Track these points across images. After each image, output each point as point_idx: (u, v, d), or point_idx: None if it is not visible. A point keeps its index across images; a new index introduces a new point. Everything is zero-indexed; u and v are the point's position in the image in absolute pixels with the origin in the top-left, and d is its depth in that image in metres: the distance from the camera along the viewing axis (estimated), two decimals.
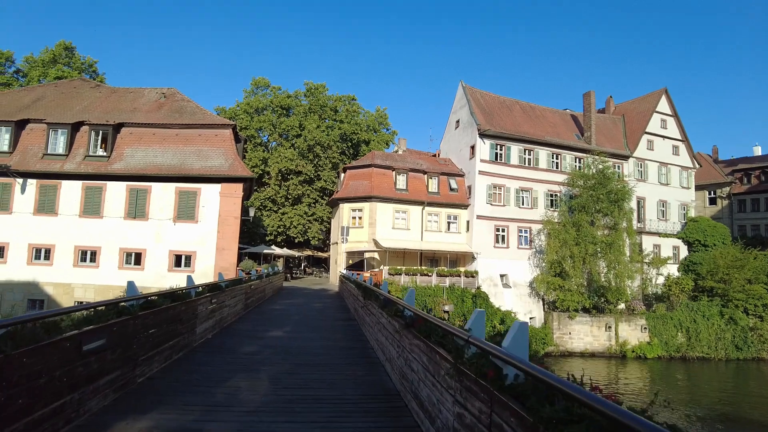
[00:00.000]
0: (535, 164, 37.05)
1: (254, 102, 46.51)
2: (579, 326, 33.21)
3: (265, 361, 7.87)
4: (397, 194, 34.60)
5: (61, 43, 48.27)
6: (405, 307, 6.03)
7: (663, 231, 40.78)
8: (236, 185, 25.43)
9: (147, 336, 6.49)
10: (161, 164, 25.66)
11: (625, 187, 33.99)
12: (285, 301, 20.15)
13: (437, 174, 36.09)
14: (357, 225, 33.95)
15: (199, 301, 9.07)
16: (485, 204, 34.86)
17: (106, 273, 24.90)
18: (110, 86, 32.19)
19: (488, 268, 33.95)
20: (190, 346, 8.58)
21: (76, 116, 26.96)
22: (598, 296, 33.74)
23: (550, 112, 42.67)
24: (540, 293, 34.40)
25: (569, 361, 31.88)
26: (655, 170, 42.20)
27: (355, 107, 49.64)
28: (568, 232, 32.93)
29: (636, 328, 33.72)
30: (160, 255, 25.22)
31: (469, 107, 36.90)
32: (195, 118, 27.28)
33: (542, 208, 36.61)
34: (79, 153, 25.87)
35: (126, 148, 26.18)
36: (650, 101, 44.24)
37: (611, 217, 33.93)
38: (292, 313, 15.74)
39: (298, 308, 17.46)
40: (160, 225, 25.40)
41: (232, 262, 24.90)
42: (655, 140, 42.65)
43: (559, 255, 32.85)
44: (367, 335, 10.39)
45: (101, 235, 25.12)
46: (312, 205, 45.12)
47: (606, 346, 33.21)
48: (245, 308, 14.51)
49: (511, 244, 35.33)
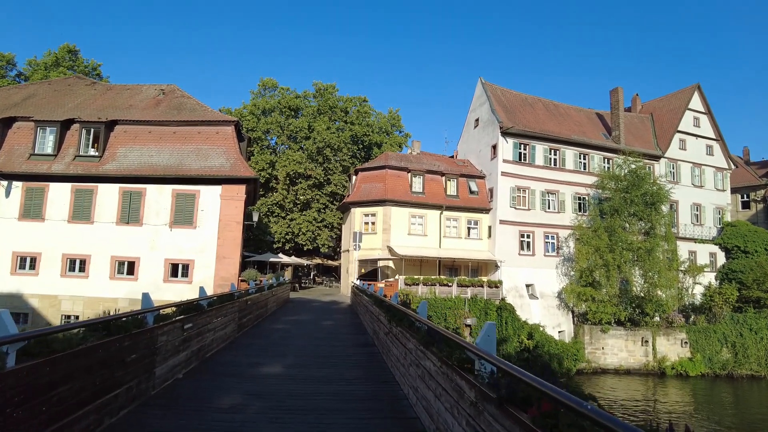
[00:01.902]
0: (561, 165, 34.39)
1: (261, 103, 44.43)
2: (613, 340, 30.39)
3: (247, 425, 5.36)
4: (412, 197, 32.10)
5: (65, 46, 46.78)
6: (482, 357, 3.48)
7: (699, 236, 37.80)
8: (238, 187, 23.15)
9: (41, 402, 3.84)
10: (157, 164, 23.48)
11: (662, 189, 31.17)
12: (290, 318, 17.38)
13: (456, 176, 33.56)
14: (370, 231, 31.47)
15: (162, 329, 6.54)
16: (509, 208, 32.23)
17: (97, 284, 22.68)
18: (107, 83, 30.21)
19: (513, 277, 31.26)
20: (142, 397, 6.03)
21: (67, 114, 24.94)
22: (633, 308, 30.91)
23: (575, 110, 40.05)
24: (569, 305, 31.61)
25: (603, 379, 29.05)
26: (688, 171, 39.33)
27: (367, 108, 47.35)
28: (600, 237, 30.16)
29: (675, 343, 30.80)
30: (155, 264, 22.97)
31: (490, 104, 34.42)
32: (194, 115, 25.13)
33: (570, 212, 33.90)
34: (68, 153, 23.80)
35: (119, 147, 24.06)
36: (681, 98, 41.44)
37: (646, 221, 31.13)
38: (296, 335, 13.04)
39: (304, 328, 14.68)
40: (155, 231, 23.17)
41: (233, 272, 22.55)
42: (687, 139, 39.80)
43: (590, 263, 30.08)
44: (396, 374, 7.72)
45: (91, 242, 22.94)
46: (321, 210, 42.75)
47: (642, 362, 30.34)
48: (239, 329, 12.03)
49: (537, 251, 32.60)
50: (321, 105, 46.04)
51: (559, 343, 29.31)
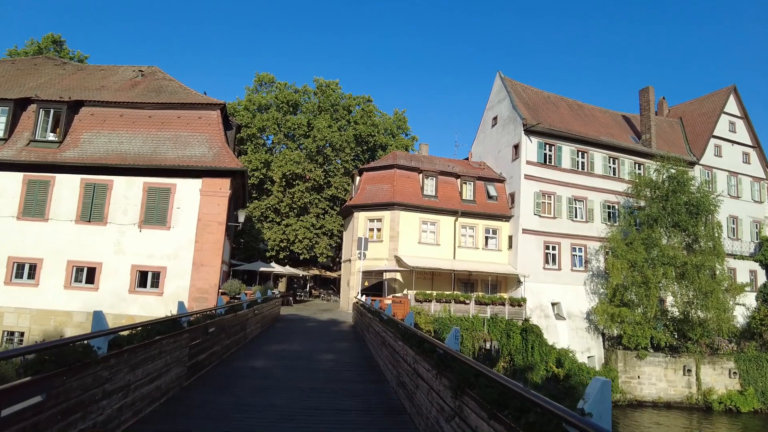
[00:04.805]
0: (589, 169, 30.75)
1: (257, 99, 40.82)
2: (650, 368, 26.53)
3: None
4: (424, 201, 28.33)
5: (49, 36, 43.23)
6: None
7: (737, 252, 34.10)
8: (222, 181, 19.40)
9: None
10: (127, 152, 19.73)
11: (707, 196, 27.54)
12: (275, 348, 12.65)
13: (473, 178, 29.83)
14: (375, 238, 27.64)
15: None
16: (532, 215, 28.48)
17: (49, 294, 18.79)
18: (79, 64, 26.59)
19: (537, 294, 27.41)
20: None
21: (25, 93, 21.24)
22: (671, 331, 27.11)
23: (600, 111, 36.56)
24: (599, 327, 27.76)
25: (641, 414, 25.13)
26: (724, 180, 35.74)
27: (371, 108, 43.77)
28: (636, 251, 26.44)
29: (722, 373, 26.97)
30: (120, 271, 19.11)
31: (510, 100, 30.86)
32: (174, 98, 21.45)
33: (598, 222, 30.20)
34: (23, 137, 20.05)
35: (84, 132, 20.33)
36: (715, 101, 38.03)
37: (688, 233, 27.44)
38: (279, 383, 8.50)
39: (292, 368, 10.04)
40: (121, 231, 19.35)
41: (213, 282, 18.70)
42: (723, 145, 36.31)
43: (626, 280, 26.31)
44: None
45: (44, 244, 19.11)
46: (320, 216, 38.92)
47: (685, 394, 26.47)
48: (189, 373, 7.87)
49: (564, 265, 28.79)
50: (322, 102, 42.47)
51: (592, 371, 25.45)
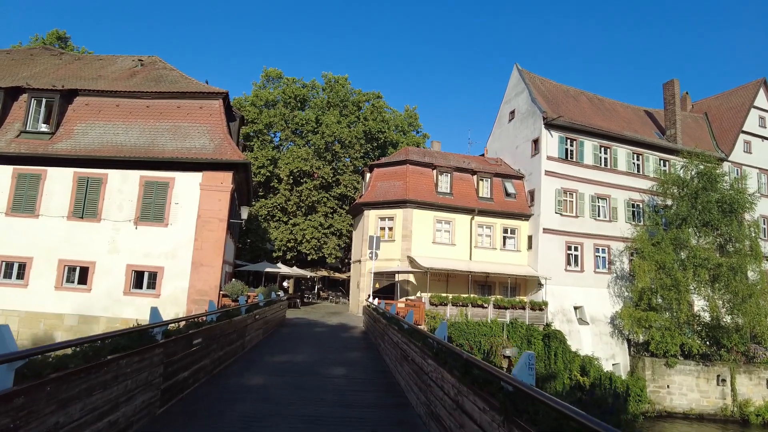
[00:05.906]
0: (613, 165, 29.07)
1: (264, 94, 39.57)
2: (680, 377, 24.76)
3: None
4: (438, 199, 26.81)
5: (54, 32, 42.35)
6: None
7: None
8: (224, 174, 18.05)
9: None
10: (123, 144, 18.46)
11: (742, 193, 25.77)
12: (277, 360, 10.83)
13: (489, 175, 28.27)
14: (387, 238, 26.18)
15: None
16: (553, 214, 26.86)
17: (38, 295, 17.54)
18: (76, 53, 25.45)
19: (558, 297, 25.78)
20: None
21: (17, 82, 20.07)
22: (702, 337, 25.38)
23: (621, 106, 34.87)
24: (625, 332, 26.09)
25: (672, 426, 23.38)
26: (755, 178, 33.84)
27: (381, 104, 42.36)
28: (665, 251, 24.75)
29: (760, 383, 25.14)
30: (115, 271, 17.82)
31: (529, 92, 29.29)
32: (174, 87, 20.17)
33: (622, 221, 28.51)
34: (13, 128, 18.86)
35: (78, 123, 19.10)
36: (743, 95, 36.18)
37: (720, 233, 25.71)
38: (278, 408, 6.60)
39: (296, 388, 8.06)
40: (116, 229, 18.06)
41: (213, 283, 17.33)
42: (753, 141, 34.44)
43: (655, 282, 24.62)
44: None
45: (34, 241, 17.88)
46: (329, 215, 37.51)
47: (718, 405, 24.66)
48: (165, 398, 6.09)
49: (587, 266, 27.13)
50: (331, 98, 41.13)
51: (618, 380, 23.78)
